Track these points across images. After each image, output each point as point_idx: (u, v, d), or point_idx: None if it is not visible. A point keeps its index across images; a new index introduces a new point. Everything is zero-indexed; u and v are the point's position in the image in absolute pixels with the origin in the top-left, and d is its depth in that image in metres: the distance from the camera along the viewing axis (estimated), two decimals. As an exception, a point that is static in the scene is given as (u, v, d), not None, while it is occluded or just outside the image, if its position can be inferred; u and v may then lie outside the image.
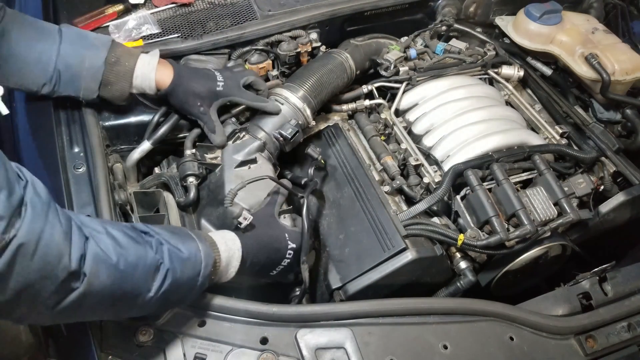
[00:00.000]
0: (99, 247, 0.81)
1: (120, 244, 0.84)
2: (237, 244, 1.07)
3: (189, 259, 0.94)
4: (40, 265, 0.73)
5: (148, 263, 0.87)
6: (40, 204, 0.75)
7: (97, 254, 0.80)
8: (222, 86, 1.32)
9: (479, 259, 1.33)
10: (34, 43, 1.17)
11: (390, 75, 1.59)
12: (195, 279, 0.95)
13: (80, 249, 0.78)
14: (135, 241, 0.87)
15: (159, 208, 1.28)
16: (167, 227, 1.00)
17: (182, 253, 0.93)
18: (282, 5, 1.59)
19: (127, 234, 0.87)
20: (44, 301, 0.77)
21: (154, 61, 1.27)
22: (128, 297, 0.86)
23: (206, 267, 0.96)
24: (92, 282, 0.79)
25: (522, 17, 1.74)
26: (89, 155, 1.21)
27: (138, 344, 0.96)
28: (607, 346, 1.12)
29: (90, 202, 1.12)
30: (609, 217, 1.41)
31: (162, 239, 0.92)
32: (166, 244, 0.91)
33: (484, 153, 1.37)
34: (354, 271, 1.23)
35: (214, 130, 1.32)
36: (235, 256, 1.05)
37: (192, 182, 1.28)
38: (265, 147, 1.35)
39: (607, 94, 1.60)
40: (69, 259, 0.76)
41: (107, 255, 0.81)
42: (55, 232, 0.75)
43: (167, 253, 0.90)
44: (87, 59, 1.20)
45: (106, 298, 0.83)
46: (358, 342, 1.02)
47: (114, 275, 0.82)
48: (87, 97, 1.25)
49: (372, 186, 1.33)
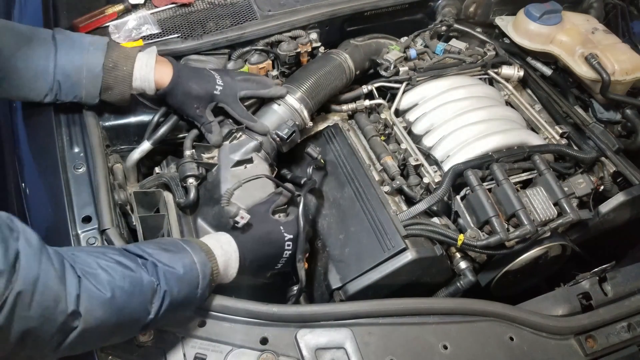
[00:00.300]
0: (92, 285, 0.81)
1: (114, 276, 0.85)
2: (233, 246, 1.07)
3: (185, 275, 0.94)
4: (39, 311, 0.74)
5: (144, 289, 0.87)
6: (32, 253, 0.75)
7: (91, 293, 0.81)
8: (220, 91, 1.32)
9: (479, 259, 1.33)
10: (29, 56, 1.15)
11: (390, 75, 1.59)
12: (194, 292, 0.95)
13: (75, 289, 0.79)
14: (129, 269, 0.87)
15: (159, 208, 1.27)
16: (159, 243, 0.99)
17: (177, 271, 0.93)
18: (282, 5, 1.59)
19: (120, 263, 0.87)
20: (46, 343, 0.78)
21: (151, 61, 1.26)
22: (129, 324, 0.88)
23: (204, 278, 0.97)
24: (88, 320, 0.80)
25: (522, 17, 1.74)
26: (89, 155, 1.21)
27: (138, 344, 0.96)
28: (607, 346, 1.12)
29: (90, 202, 1.12)
30: (609, 217, 1.41)
31: (155, 260, 0.92)
32: (161, 265, 0.91)
33: (484, 153, 1.38)
34: (354, 271, 1.23)
35: (210, 130, 1.32)
36: (232, 258, 1.06)
37: (192, 183, 1.28)
38: (261, 147, 1.35)
39: (607, 94, 1.60)
40: (65, 302, 0.77)
41: (101, 292, 0.82)
42: (50, 277, 0.76)
43: (162, 274, 0.90)
44: (84, 67, 1.19)
45: (106, 330, 0.85)
46: (358, 342, 1.02)
47: (110, 309, 0.83)
48: (89, 102, 1.25)
49: (372, 186, 1.33)
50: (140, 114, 1.38)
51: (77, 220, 1.09)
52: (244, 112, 1.35)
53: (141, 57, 1.26)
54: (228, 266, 1.05)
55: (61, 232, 1.09)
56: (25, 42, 1.16)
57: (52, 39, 1.19)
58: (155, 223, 1.21)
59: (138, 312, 0.88)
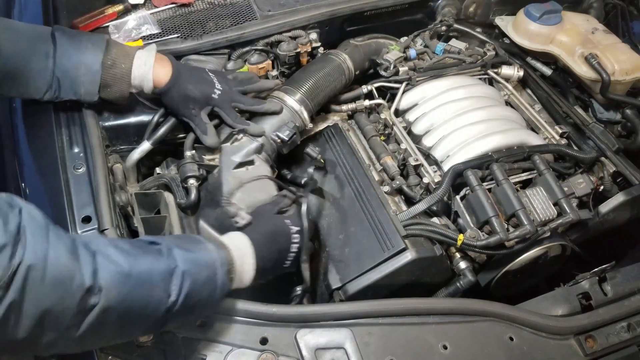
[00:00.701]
0: (109, 259, 0.81)
1: (129, 253, 0.84)
2: (245, 241, 1.06)
3: (202, 258, 0.93)
4: (53, 287, 0.73)
5: (162, 269, 0.86)
6: (38, 227, 0.74)
7: (108, 266, 0.80)
8: (218, 95, 1.31)
9: (479, 259, 1.33)
10: (29, 54, 1.15)
11: (390, 75, 1.59)
12: (213, 279, 0.94)
13: (90, 265, 0.77)
14: (143, 250, 0.87)
15: (159, 209, 1.27)
16: (172, 235, 1.00)
17: (193, 254, 0.92)
18: (282, 6, 1.59)
19: (134, 244, 0.87)
20: (67, 324, 0.76)
21: (150, 60, 1.26)
22: (150, 306, 0.85)
23: (222, 265, 0.96)
24: (109, 294, 0.78)
25: (522, 17, 1.74)
26: (89, 155, 1.21)
27: (138, 344, 0.96)
28: (606, 346, 1.13)
29: (90, 203, 1.12)
30: (609, 217, 1.41)
31: (171, 244, 0.92)
32: (176, 248, 0.91)
33: (484, 153, 1.37)
34: (353, 271, 1.23)
35: (205, 132, 1.32)
36: (247, 254, 1.05)
37: (192, 184, 1.28)
38: (262, 149, 1.35)
39: (607, 94, 1.60)
40: (81, 276, 0.76)
41: (119, 265, 0.81)
42: (61, 252, 0.75)
43: (179, 256, 0.89)
44: (83, 65, 1.19)
45: (128, 311, 0.82)
46: (358, 343, 1.02)
47: (129, 283, 0.81)
48: (88, 100, 1.25)
49: (372, 186, 1.33)
50: (140, 114, 1.38)
51: (77, 221, 1.09)
52: (237, 118, 1.34)
53: (140, 55, 1.26)
54: (244, 261, 1.03)
55: (61, 232, 1.09)
56: (25, 40, 1.16)
57: (51, 36, 1.19)
58: (157, 224, 1.21)
59: (158, 294, 0.85)
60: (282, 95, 1.40)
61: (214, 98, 1.31)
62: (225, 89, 1.34)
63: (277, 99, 1.40)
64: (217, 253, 0.97)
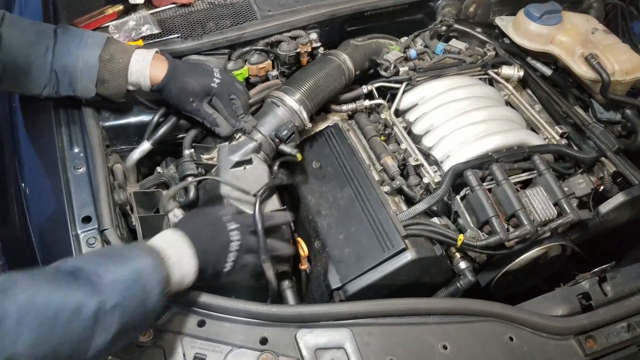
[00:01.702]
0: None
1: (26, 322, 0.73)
2: (185, 242, 0.98)
3: (132, 283, 0.84)
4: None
5: (89, 310, 0.77)
6: None
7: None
8: (217, 84, 1.31)
9: (479, 259, 1.33)
10: (30, 48, 1.16)
11: (390, 75, 1.59)
12: (145, 301, 0.86)
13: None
14: (51, 302, 0.76)
15: (159, 208, 1.28)
16: (101, 252, 0.93)
17: (122, 280, 0.83)
18: (282, 6, 1.59)
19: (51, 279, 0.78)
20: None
21: (148, 57, 1.26)
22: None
23: (158, 283, 0.88)
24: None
25: (522, 17, 1.74)
26: (89, 155, 1.21)
27: (138, 344, 0.96)
28: (607, 346, 1.12)
29: (90, 203, 1.12)
30: (609, 218, 1.41)
31: (94, 272, 0.81)
32: (101, 277, 0.81)
33: (484, 153, 1.37)
34: (353, 271, 1.23)
35: (216, 123, 1.32)
36: (186, 255, 0.97)
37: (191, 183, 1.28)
38: (261, 149, 1.35)
39: (607, 94, 1.60)
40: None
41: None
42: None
43: (104, 287, 0.80)
44: (80, 58, 1.20)
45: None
46: (358, 343, 1.02)
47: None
48: (85, 95, 1.25)
49: (372, 186, 1.33)
50: (140, 114, 1.38)
51: (77, 221, 1.10)
52: (233, 113, 1.34)
53: (138, 52, 1.26)
54: (182, 266, 0.96)
55: (61, 232, 1.09)
56: (29, 35, 1.17)
57: (53, 33, 1.20)
58: (155, 223, 1.21)
59: (77, 341, 0.76)
60: (282, 95, 1.40)
61: (213, 87, 1.31)
62: (225, 78, 1.34)
63: (277, 99, 1.40)
64: (151, 270, 0.88)
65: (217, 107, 1.33)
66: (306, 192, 1.41)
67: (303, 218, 1.40)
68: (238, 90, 1.36)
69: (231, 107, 1.34)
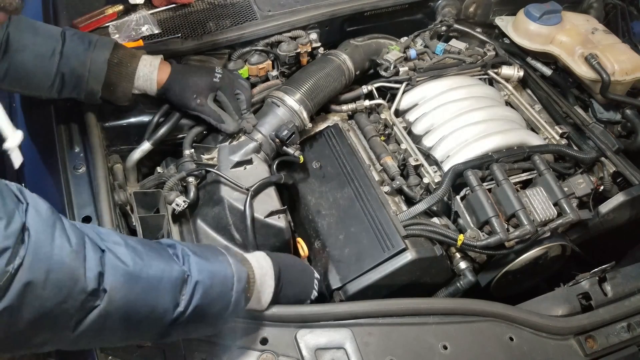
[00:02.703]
0: (118, 258, 0.76)
1: (141, 255, 0.80)
2: (268, 262, 1.02)
3: (219, 271, 0.88)
4: (54, 290, 0.69)
5: (174, 276, 0.82)
6: (43, 225, 0.71)
7: (116, 267, 0.75)
8: (219, 78, 1.33)
9: (479, 259, 1.33)
10: (37, 49, 1.16)
11: (390, 75, 1.59)
12: (228, 294, 0.89)
13: (96, 266, 0.73)
14: (157, 253, 0.83)
15: (159, 208, 1.28)
16: (193, 243, 0.97)
17: (210, 265, 0.88)
18: (282, 6, 1.59)
19: (148, 245, 0.83)
20: (64, 325, 0.72)
21: (155, 62, 1.28)
22: (156, 314, 0.80)
23: (239, 281, 0.91)
24: (113, 298, 0.74)
25: (522, 17, 1.74)
26: (89, 155, 1.21)
27: (138, 345, 0.96)
28: (606, 346, 1.13)
29: (90, 203, 1.12)
30: (609, 217, 1.41)
31: (188, 251, 0.87)
32: (193, 256, 0.86)
33: (484, 153, 1.38)
34: (353, 271, 1.23)
35: (221, 120, 1.33)
36: (268, 274, 1.00)
37: (191, 182, 1.28)
38: (261, 149, 1.36)
39: (607, 94, 1.60)
40: (84, 280, 0.72)
41: (127, 267, 0.76)
42: (64, 253, 0.71)
43: (194, 265, 0.85)
44: (89, 61, 1.20)
45: (131, 316, 0.78)
46: (358, 343, 1.02)
47: (137, 287, 0.77)
48: (90, 99, 1.25)
49: (372, 186, 1.33)
50: (140, 114, 1.38)
51: (77, 220, 1.09)
52: (237, 108, 1.36)
53: (146, 57, 1.28)
54: (264, 282, 0.99)
55: (61, 232, 1.09)
56: (35, 36, 1.17)
57: (60, 35, 1.20)
58: (155, 223, 1.21)
59: (166, 302, 0.80)
60: (282, 95, 1.40)
61: (216, 82, 1.32)
62: (227, 73, 1.35)
63: (277, 99, 1.40)
64: (237, 267, 0.92)
65: (222, 102, 1.34)
66: (306, 192, 1.41)
67: (303, 218, 1.40)
68: (242, 86, 1.38)
69: (236, 102, 1.36)
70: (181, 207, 1.20)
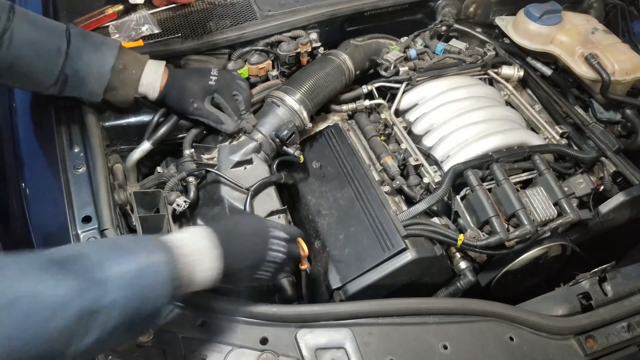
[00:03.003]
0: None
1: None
2: (210, 241, 0.91)
3: (135, 278, 0.77)
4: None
5: (79, 304, 0.69)
6: None
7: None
8: (215, 81, 1.33)
9: (479, 259, 1.33)
10: (40, 46, 1.15)
11: (390, 75, 1.59)
12: (150, 299, 0.79)
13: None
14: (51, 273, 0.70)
15: (159, 208, 1.28)
16: (111, 241, 0.89)
17: (125, 274, 0.76)
18: (282, 6, 1.59)
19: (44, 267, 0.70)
20: None
21: (160, 69, 1.29)
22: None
23: (163, 282, 0.81)
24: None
25: (522, 17, 1.74)
26: (89, 155, 1.21)
27: (138, 344, 0.96)
28: (607, 346, 1.12)
29: (90, 202, 1.12)
30: (609, 217, 1.42)
31: (95, 262, 0.75)
32: (103, 269, 0.75)
33: (484, 153, 1.37)
34: (354, 271, 1.23)
35: (220, 121, 1.33)
36: (202, 249, 0.89)
37: (191, 182, 1.28)
38: (261, 148, 1.36)
39: (607, 94, 1.60)
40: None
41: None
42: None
43: (105, 280, 0.73)
44: (94, 64, 1.20)
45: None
46: (358, 342, 1.02)
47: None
48: (91, 100, 1.25)
49: (372, 186, 1.33)
50: (140, 114, 1.38)
51: (77, 220, 1.10)
52: (236, 109, 1.36)
53: (151, 64, 1.28)
54: (201, 267, 0.89)
55: (61, 232, 1.09)
56: (39, 32, 1.16)
57: (65, 33, 1.19)
58: (155, 223, 1.21)
59: (62, 339, 0.68)
60: (282, 95, 1.40)
61: (212, 85, 1.32)
62: (223, 74, 1.35)
63: (277, 99, 1.40)
64: (156, 255, 0.81)
65: (220, 103, 1.35)
66: (306, 192, 1.41)
67: (303, 218, 1.40)
68: (240, 87, 1.38)
69: (234, 102, 1.36)
70: (182, 207, 1.21)
